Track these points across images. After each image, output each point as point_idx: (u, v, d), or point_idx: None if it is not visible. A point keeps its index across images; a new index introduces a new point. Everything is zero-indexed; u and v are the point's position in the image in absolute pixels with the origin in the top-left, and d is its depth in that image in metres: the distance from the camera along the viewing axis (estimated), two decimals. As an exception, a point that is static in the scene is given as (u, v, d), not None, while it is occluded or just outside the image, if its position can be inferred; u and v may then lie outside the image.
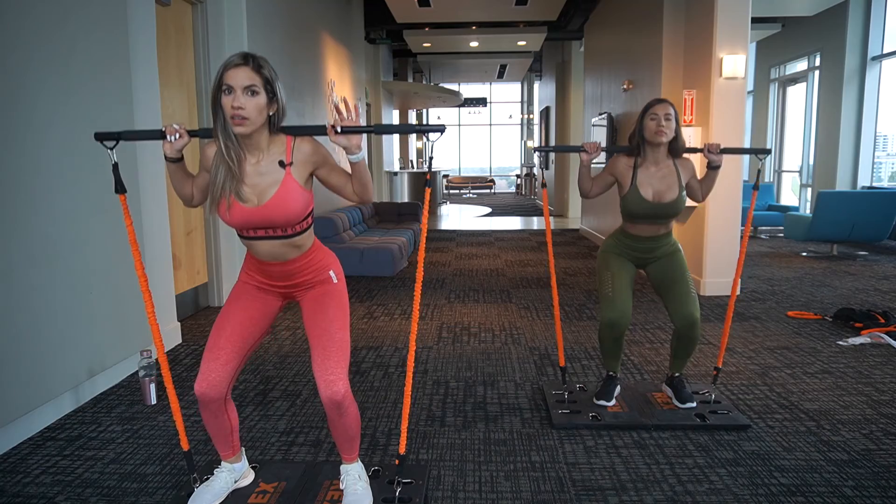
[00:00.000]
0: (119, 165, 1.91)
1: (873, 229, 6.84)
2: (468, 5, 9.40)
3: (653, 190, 2.68)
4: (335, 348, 1.87)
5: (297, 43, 6.46)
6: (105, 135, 1.88)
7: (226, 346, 1.90)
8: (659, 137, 2.63)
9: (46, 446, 2.54)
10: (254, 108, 1.71)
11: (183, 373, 3.38)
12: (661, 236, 2.77)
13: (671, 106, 2.65)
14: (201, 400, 1.90)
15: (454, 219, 12.66)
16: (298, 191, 1.82)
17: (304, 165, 1.84)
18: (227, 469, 2.07)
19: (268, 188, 1.79)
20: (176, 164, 1.85)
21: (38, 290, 2.68)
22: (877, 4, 8.32)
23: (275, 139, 1.83)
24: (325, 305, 1.93)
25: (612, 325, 2.72)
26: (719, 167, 2.71)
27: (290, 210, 1.80)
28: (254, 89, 1.71)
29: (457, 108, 22.77)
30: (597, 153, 2.70)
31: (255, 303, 1.95)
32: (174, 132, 1.79)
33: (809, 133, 9.58)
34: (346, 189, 1.90)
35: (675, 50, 5.73)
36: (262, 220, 1.80)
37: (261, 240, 1.84)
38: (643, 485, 2.21)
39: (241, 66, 1.70)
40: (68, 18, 2.88)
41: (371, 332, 4.18)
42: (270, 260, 1.88)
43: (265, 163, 1.80)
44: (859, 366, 3.40)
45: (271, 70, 1.76)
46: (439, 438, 2.59)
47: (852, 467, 2.31)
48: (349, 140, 1.77)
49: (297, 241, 1.87)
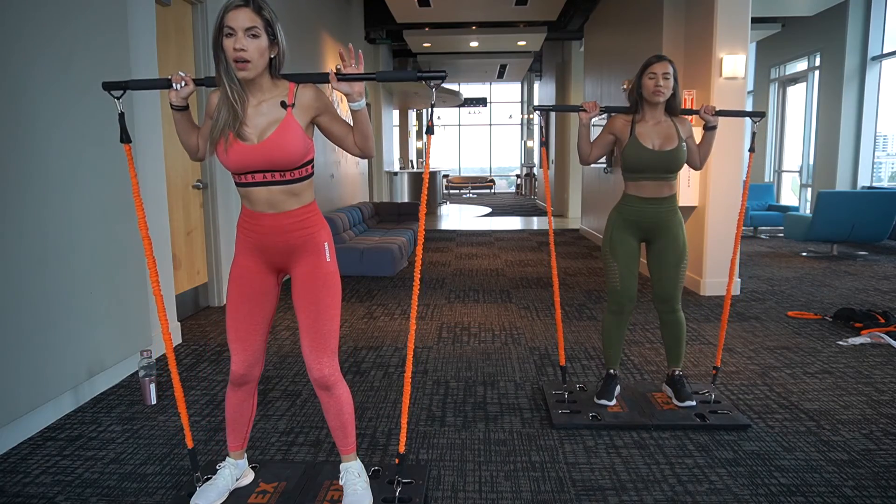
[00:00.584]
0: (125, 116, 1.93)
1: (873, 229, 6.84)
2: (468, 5, 9.40)
3: (652, 141, 2.67)
4: (325, 336, 1.91)
5: (297, 43, 6.46)
6: (113, 84, 1.91)
7: (247, 334, 1.96)
8: (657, 97, 2.63)
9: (46, 446, 2.54)
10: (255, 51, 1.72)
11: (183, 373, 3.38)
12: (665, 199, 2.72)
13: (670, 64, 2.64)
14: (239, 381, 1.99)
15: (454, 219, 12.66)
16: (299, 131, 1.81)
17: (306, 110, 1.84)
18: (230, 465, 2.08)
19: (268, 127, 1.79)
20: (181, 112, 1.88)
21: (39, 290, 2.68)
22: (877, 4, 8.32)
23: (277, 83, 1.84)
24: (317, 291, 1.91)
25: (618, 311, 2.81)
26: (715, 128, 2.73)
27: (289, 149, 1.79)
28: (255, 32, 1.71)
29: (457, 108, 22.77)
30: (596, 112, 2.71)
31: (254, 283, 1.94)
32: (180, 80, 1.81)
33: (809, 133, 9.58)
34: (347, 140, 1.90)
35: (675, 50, 5.73)
36: (260, 158, 1.79)
37: (258, 185, 1.82)
38: (643, 485, 2.21)
39: (241, 8, 1.70)
40: (69, 19, 2.88)
41: (371, 332, 4.18)
42: (266, 209, 1.85)
43: (267, 104, 1.81)
44: (859, 366, 3.40)
45: (272, 12, 1.76)
46: (439, 438, 2.59)
47: (852, 467, 2.31)
48: (351, 87, 1.76)
49: (294, 189, 1.85)
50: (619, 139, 2.76)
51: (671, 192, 2.74)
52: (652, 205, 2.72)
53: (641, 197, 2.73)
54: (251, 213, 1.88)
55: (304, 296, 1.91)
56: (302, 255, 1.91)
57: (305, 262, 1.91)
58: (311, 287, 1.90)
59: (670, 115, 2.73)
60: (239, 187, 1.88)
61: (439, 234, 9.77)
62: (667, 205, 2.73)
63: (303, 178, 1.86)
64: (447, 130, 24.30)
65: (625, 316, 2.83)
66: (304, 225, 1.89)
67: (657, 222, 2.74)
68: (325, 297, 1.91)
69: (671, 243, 2.75)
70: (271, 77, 1.82)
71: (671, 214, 2.74)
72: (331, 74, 1.77)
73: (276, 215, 1.86)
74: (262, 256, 1.93)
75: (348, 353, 3.71)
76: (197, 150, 1.94)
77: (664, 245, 2.76)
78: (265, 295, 1.97)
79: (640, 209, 2.74)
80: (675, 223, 2.76)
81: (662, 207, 2.73)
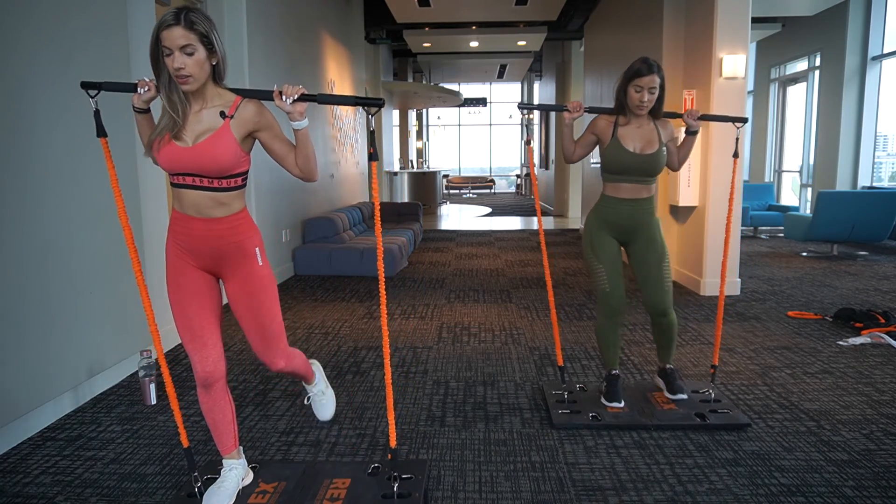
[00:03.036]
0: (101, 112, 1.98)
1: (873, 229, 6.84)
2: (468, 5, 9.40)
3: (633, 144, 2.69)
4: (273, 336, 2.09)
5: (297, 43, 6.46)
6: (89, 84, 1.97)
7: (202, 333, 1.95)
8: (639, 111, 2.66)
9: (46, 446, 2.54)
10: (194, 65, 1.78)
11: (183, 372, 3.38)
12: (643, 200, 2.74)
13: (658, 75, 2.62)
14: (206, 382, 1.96)
15: (454, 219, 12.66)
16: (232, 143, 1.86)
17: (245, 123, 1.89)
18: (233, 466, 2.06)
19: (203, 133, 1.86)
20: (142, 114, 1.94)
21: (39, 290, 2.68)
22: (877, 4, 8.32)
23: (222, 93, 1.90)
24: (256, 296, 2.01)
25: (610, 314, 2.80)
26: (697, 132, 2.77)
27: (218, 157, 1.84)
28: (190, 49, 1.76)
29: (457, 108, 22.77)
30: (580, 113, 2.70)
31: (194, 283, 1.97)
32: (144, 85, 1.87)
33: (809, 133, 9.58)
34: (287, 159, 1.96)
35: (675, 50, 5.73)
36: (190, 161, 1.84)
37: (188, 188, 1.88)
38: (643, 485, 2.21)
39: (174, 27, 1.74)
40: (69, 19, 2.88)
41: (371, 332, 4.17)
42: (195, 214, 1.90)
43: (207, 112, 1.87)
44: (859, 366, 3.40)
45: (205, 22, 1.79)
46: (439, 438, 2.59)
47: (852, 467, 2.31)
48: (294, 107, 1.84)
49: (223, 198, 1.90)
50: (601, 139, 2.77)
51: (649, 195, 2.75)
52: (629, 206, 2.73)
53: (619, 198, 2.74)
54: (182, 217, 1.93)
55: (243, 302, 2.01)
56: (234, 262, 1.98)
57: (239, 269, 1.99)
58: (249, 293, 2.00)
59: (653, 117, 2.74)
60: (173, 188, 1.93)
61: (439, 234, 9.76)
62: (644, 206, 2.75)
63: (231, 189, 1.91)
64: (447, 130, 24.30)
65: (618, 318, 2.83)
66: (233, 232, 1.95)
67: (634, 224, 2.75)
68: (264, 300, 2.02)
69: (649, 243, 2.76)
70: (215, 84, 1.88)
71: (648, 216, 2.76)
72: (275, 92, 1.85)
73: (206, 221, 1.91)
74: (195, 260, 1.97)
75: (348, 353, 3.71)
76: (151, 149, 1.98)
77: (642, 246, 2.77)
78: (208, 291, 2.00)
79: (616, 210, 2.75)
80: (653, 224, 2.77)
81: (640, 209, 2.74)
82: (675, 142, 2.80)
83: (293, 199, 6.27)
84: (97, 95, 1.96)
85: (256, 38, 5.21)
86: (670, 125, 2.79)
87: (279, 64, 5.85)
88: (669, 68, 5.76)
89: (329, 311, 4.73)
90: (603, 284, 2.78)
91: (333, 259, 6.14)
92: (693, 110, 2.73)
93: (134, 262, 1.99)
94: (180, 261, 1.97)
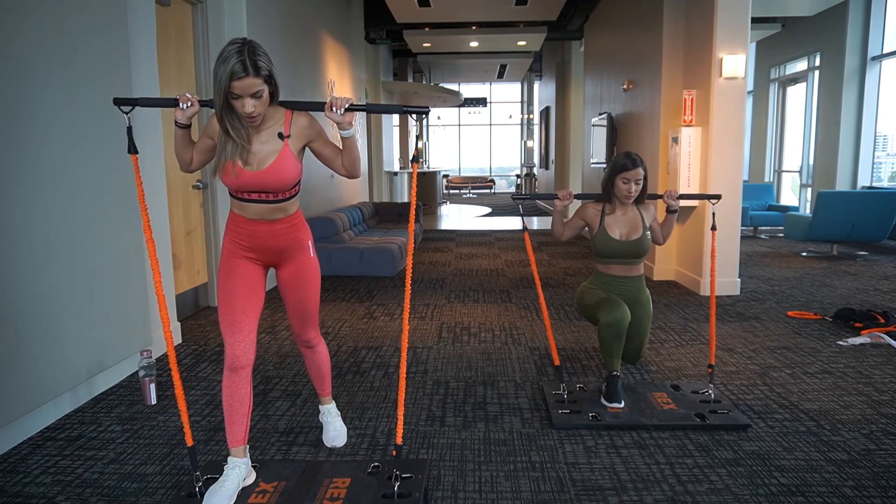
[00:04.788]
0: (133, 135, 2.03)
1: (873, 229, 6.84)
2: (468, 5, 9.40)
3: (619, 231, 3.03)
4: (312, 315, 2.30)
5: (297, 43, 6.46)
6: (123, 100, 2.01)
7: (242, 318, 2.06)
8: (626, 200, 3.02)
9: (46, 446, 2.54)
10: (262, 106, 1.93)
11: (183, 373, 3.38)
12: (634, 278, 3.10)
13: (642, 168, 2.95)
14: (234, 366, 2.03)
15: (454, 219, 12.66)
16: (293, 161, 2.03)
17: (300, 138, 2.05)
18: (236, 465, 2.06)
19: (267, 156, 2.00)
20: (184, 129, 2.02)
21: (39, 290, 2.68)
22: (877, 4, 8.32)
23: (275, 111, 2.03)
24: (305, 282, 2.21)
25: (614, 323, 2.87)
26: (677, 212, 3.05)
27: (284, 177, 2.01)
28: (259, 94, 1.89)
29: (457, 108, 22.76)
30: (570, 201, 2.96)
31: (247, 273, 2.12)
32: (187, 100, 1.93)
33: (809, 133, 9.58)
34: (336, 161, 2.11)
35: (675, 50, 5.73)
36: (259, 183, 2.00)
37: (254, 202, 2.04)
38: (643, 485, 2.21)
39: (245, 78, 1.83)
40: (69, 19, 2.88)
41: (371, 332, 4.18)
42: (258, 219, 2.08)
43: (266, 133, 2.01)
44: (859, 366, 3.40)
45: (267, 62, 1.91)
46: (439, 438, 2.59)
47: (852, 467, 2.31)
48: (343, 117, 1.95)
49: (284, 206, 2.09)
50: (589, 225, 3.12)
51: (639, 273, 3.12)
52: (621, 282, 3.09)
53: (611, 275, 3.10)
54: (246, 221, 2.09)
55: (293, 286, 2.21)
56: (290, 254, 2.17)
57: (293, 259, 2.18)
58: (300, 280, 2.20)
59: (636, 203, 3.07)
60: (235, 199, 2.08)
61: (439, 234, 9.77)
62: (635, 283, 3.11)
63: (291, 198, 2.11)
64: (447, 130, 24.30)
65: (621, 327, 2.87)
66: (291, 231, 2.15)
67: (628, 296, 3.07)
68: (311, 287, 2.24)
69: (642, 311, 3.08)
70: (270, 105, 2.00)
71: (640, 291, 3.11)
72: (326, 105, 1.95)
73: (270, 223, 2.10)
74: (254, 254, 2.14)
75: (348, 353, 3.71)
76: (190, 163, 2.10)
77: (636, 313, 3.06)
78: (257, 283, 2.14)
79: (610, 284, 3.10)
80: (645, 296, 3.12)
81: (632, 285, 3.10)
82: (657, 221, 3.14)
83: (293, 199, 6.27)
84: (131, 111, 2.01)
85: (256, 38, 5.20)
86: (652, 207, 3.14)
87: (279, 64, 5.83)
88: (669, 68, 5.76)
89: (329, 311, 4.73)
90: (602, 299, 3.00)
91: (333, 259, 6.14)
92: (672, 191, 3.00)
93: (155, 275, 2.05)
94: (237, 255, 2.12)
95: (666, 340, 3.91)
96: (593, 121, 8.75)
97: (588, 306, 3.08)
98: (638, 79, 6.68)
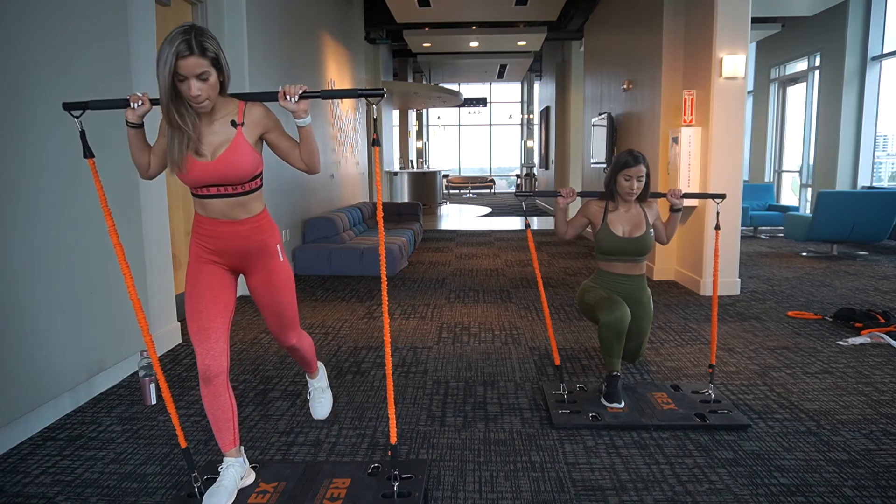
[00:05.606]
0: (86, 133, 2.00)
1: (873, 229, 6.84)
2: (468, 5, 9.40)
3: (622, 228, 3.01)
4: (290, 319, 2.28)
5: (297, 43, 6.46)
6: (73, 104, 1.97)
7: (210, 325, 2.00)
8: (629, 198, 3.00)
9: (46, 446, 2.54)
10: (209, 89, 1.85)
11: (183, 372, 3.38)
12: (636, 276, 3.08)
13: (644, 165, 2.95)
14: (207, 375, 1.98)
15: (454, 219, 12.66)
16: (248, 149, 1.96)
17: (255, 127, 1.98)
18: (233, 464, 2.06)
19: (220, 145, 1.94)
20: (136, 129, 1.96)
21: (39, 290, 2.68)
22: (877, 4, 8.32)
23: (227, 102, 1.97)
24: (278, 289, 2.18)
25: (615, 322, 2.86)
26: (680, 210, 3.03)
27: (239, 166, 1.94)
28: (205, 76, 1.83)
29: (457, 108, 22.76)
30: (572, 199, 2.93)
31: (214, 278, 2.06)
32: (137, 99, 1.89)
33: (809, 133, 9.58)
34: (293, 154, 2.05)
35: (675, 50, 5.73)
36: (214, 174, 1.94)
37: (213, 198, 1.99)
38: (643, 485, 2.21)
39: (188, 57, 1.78)
40: (69, 19, 2.88)
41: (371, 331, 4.18)
42: (221, 218, 2.02)
43: (218, 123, 1.95)
44: (859, 366, 3.40)
45: (216, 46, 1.85)
46: (439, 438, 2.59)
47: (852, 467, 2.31)
48: (297, 105, 1.90)
49: (245, 201, 2.02)
50: (592, 223, 3.09)
51: (641, 272, 3.10)
52: (624, 280, 3.07)
53: (613, 273, 3.08)
54: (208, 221, 2.03)
55: (266, 293, 2.18)
56: (257, 259, 2.12)
57: (261, 265, 2.13)
58: (271, 286, 2.17)
59: (639, 201, 3.05)
60: (196, 199, 2.02)
61: (439, 234, 9.77)
62: (637, 282, 3.09)
63: (252, 191, 2.03)
64: (447, 130, 24.30)
65: (621, 327, 2.86)
66: (256, 232, 2.08)
67: (629, 296, 3.06)
68: (284, 292, 2.20)
69: (643, 311, 3.08)
70: (220, 95, 1.94)
71: (641, 290, 3.10)
72: (279, 93, 1.90)
73: (232, 223, 2.03)
74: (220, 258, 2.08)
75: (348, 353, 3.71)
76: (148, 167, 2.03)
77: (637, 312, 3.06)
78: (225, 287, 2.08)
79: (612, 282, 3.08)
80: (646, 296, 3.11)
81: (633, 283, 3.08)
82: (661, 219, 3.11)
83: (293, 199, 6.28)
84: (82, 115, 1.97)
85: (256, 38, 5.21)
86: (655, 206, 3.11)
87: (279, 64, 5.85)
88: (669, 68, 5.76)
89: (329, 311, 4.73)
90: (602, 298, 2.99)
91: (333, 259, 6.14)
92: (675, 190, 2.98)
93: (127, 278, 1.99)
94: (202, 259, 2.07)
95: (666, 340, 3.91)
96: (593, 121, 8.75)
97: (588, 305, 3.07)
98: (638, 79, 6.68)
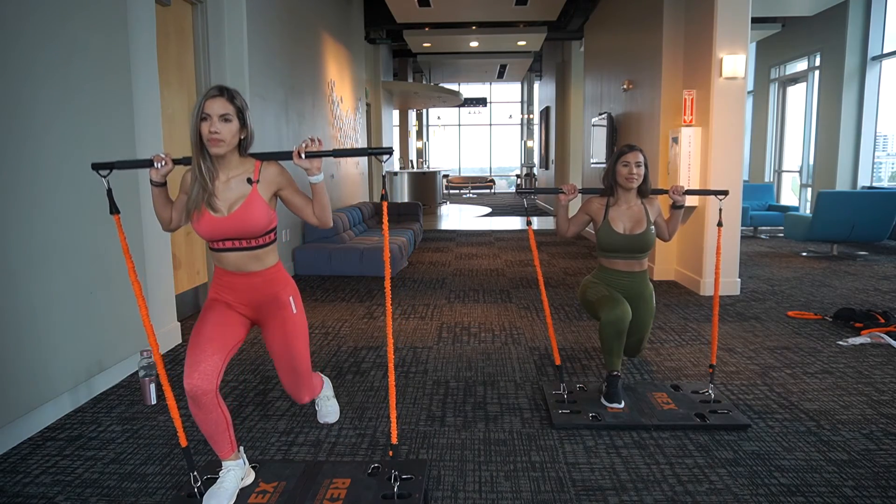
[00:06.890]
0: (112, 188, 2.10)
1: (873, 229, 6.84)
2: (468, 5, 9.40)
3: (623, 224, 2.99)
4: (303, 374, 2.30)
5: (297, 43, 6.46)
6: (100, 165, 2.09)
7: (209, 343, 2.01)
8: (629, 183, 2.94)
9: (46, 446, 2.54)
10: (227, 132, 1.96)
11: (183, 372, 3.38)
12: (638, 273, 3.05)
13: (641, 153, 2.95)
14: (193, 394, 1.93)
15: (454, 219, 12.66)
16: (263, 205, 2.05)
17: (269, 185, 2.08)
18: (233, 467, 2.06)
19: (236, 201, 2.03)
20: (160, 188, 2.08)
21: (39, 290, 2.68)
22: (877, 4, 8.32)
23: (244, 161, 2.07)
24: (289, 340, 2.20)
25: (616, 321, 2.84)
26: (682, 207, 3.01)
27: (253, 221, 2.03)
28: (227, 117, 1.95)
29: (457, 108, 22.76)
30: (574, 195, 2.93)
31: (226, 313, 2.12)
32: (160, 160, 2.01)
33: (809, 133, 9.58)
34: (306, 210, 2.13)
35: (675, 50, 5.73)
36: (228, 228, 2.02)
37: (228, 251, 2.07)
38: (643, 485, 2.21)
39: (217, 98, 1.95)
40: (69, 19, 2.88)
41: (371, 332, 4.18)
42: (235, 270, 2.10)
43: (235, 180, 2.04)
44: (859, 366, 3.40)
45: (243, 101, 2.03)
46: (439, 438, 2.59)
47: (852, 467, 2.31)
48: (311, 163, 1.98)
49: (259, 254, 2.11)
50: (593, 219, 3.07)
51: (642, 269, 3.06)
52: (625, 277, 3.05)
53: (614, 269, 3.06)
54: (224, 272, 2.12)
55: (278, 345, 2.21)
56: (271, 310, 2.17)
57: (275, 316, 2.18)
58: (283, 337, 2.20)
59: (641, 197, 3.03)
60: (213, 252, 2.11)
61: (439, 234, 9.77)
62: (638, 278, 3.06)
63: (266, 245, 2.12)
64: (447, 130, 24.30)
65: (621, 325, 2.84)
66: (269, 284, 2.15)
67: (630, 291, 3.04)
68: (296, 344, 2.22)
69: (645, 307, 3.07)
70: (240, 155, 2.06)
71: (643, 286, 3.08)
72: (294, 152, 1.98)
73: (246, 275, 2.11)
74: (236, 308, 2.15)
75: (348, 353, 3.71)
76: (170, 222, 2.13)
77: (638, 308, 3.05)
78: (232, 325, 2.10)
79: (614, 279, 3.06)
80: (648, 291, 3.09)
81: (635, 280, 3.05)
82: (663, 216, 3.09)
83: (293, 199, 6.26)
84: (109, 175, 2.08)
85: (256, 38, 5.21)
86: (657, 202, 3.07)
87: (279, 64, 5.85)
88: (669, 68, 5.76)
89: (329, 311, 4.73)
90: (604, 295, 2.97)
91: (333, 259, 6.14)
92: (677, 186, 2.97)
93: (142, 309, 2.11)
94: (218, 300, 2.14)
95: (666, 340, 3.91)
96: (593, 121, 8.75)
97: (590, 301, 3.06)
98: (638, 79, 6.68)
